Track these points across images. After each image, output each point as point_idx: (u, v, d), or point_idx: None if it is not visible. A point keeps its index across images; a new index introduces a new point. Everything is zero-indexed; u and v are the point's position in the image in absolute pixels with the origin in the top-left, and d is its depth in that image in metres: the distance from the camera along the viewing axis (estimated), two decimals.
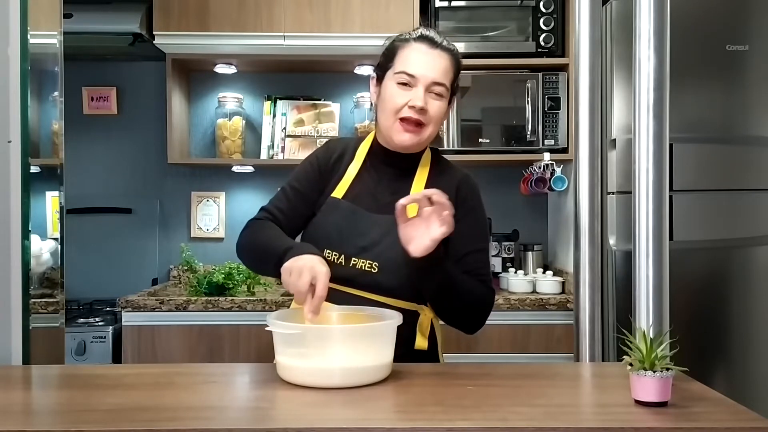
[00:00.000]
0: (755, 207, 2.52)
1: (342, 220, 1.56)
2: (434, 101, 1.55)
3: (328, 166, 1.65)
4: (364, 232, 1.55)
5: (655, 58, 1.54)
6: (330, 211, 1.59)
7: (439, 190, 1.57)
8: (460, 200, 1.60)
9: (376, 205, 1.58)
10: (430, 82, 1.53)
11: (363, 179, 1.62)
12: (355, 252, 1.53)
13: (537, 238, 3.33)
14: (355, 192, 1.60)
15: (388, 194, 1.59)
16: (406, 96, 1.54)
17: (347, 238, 1.54)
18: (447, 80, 1.56)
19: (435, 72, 1.54)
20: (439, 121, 1.58)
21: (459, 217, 1.58)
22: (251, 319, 2.70)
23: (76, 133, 3.14)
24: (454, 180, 1.63)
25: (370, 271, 1.52)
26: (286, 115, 3.27)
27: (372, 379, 1.25)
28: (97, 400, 1.18)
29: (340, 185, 1.61)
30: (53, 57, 1.73)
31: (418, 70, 1.53)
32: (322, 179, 1.64)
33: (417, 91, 1.53)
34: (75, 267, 2.60)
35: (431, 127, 1.56)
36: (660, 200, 1.54)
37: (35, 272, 1.63)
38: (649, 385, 1.10)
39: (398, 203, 1.40)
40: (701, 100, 2.52)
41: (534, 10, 2.99)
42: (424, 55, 1.55)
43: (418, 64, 1.54)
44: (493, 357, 2.70)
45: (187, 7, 2.96)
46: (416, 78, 1.53)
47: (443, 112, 1.58)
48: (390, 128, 1.56)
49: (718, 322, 2.49)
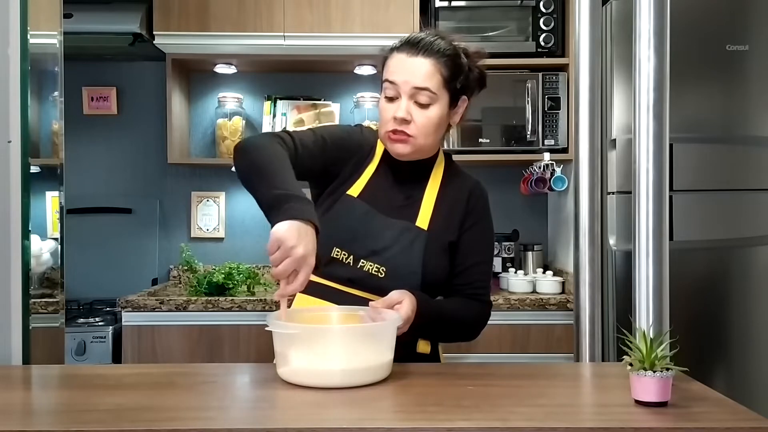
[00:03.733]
0: (755, 207, 2.52)
1: (355, 220, 1.55)
2: (420, 110, 1.51)
3: (351, 152, 1.60)
4: (376, 234, 1.53)
5: (655, 58, 1.54)
6: (344, 208, 1.56)
7: (451, 197, 1.60)
8: (470, 209, 1.60)
9: (389, 208, 1.57)
10: (411, 88, 1.50)
11: (380, 180, 1.60)
12: (365, 254, 1.52)
13: (537, 238, 3.33)
14: (371, 192, 1.58)
15: (402, 198, 1.59)
16: (392, 108, 1.52)
17: (359, 239, 1.53)
18: (432, 84, 1.50)
19: (414, 77, 1.50)
20: (431, 128, 1.53)
21: (466, 228, 1.59)
22: (251, 319, 2.70)
23: (76, 133, 3.14)
24: (466, 187, 1.62)
25: (377, 275, 1.51)
26: (286, 115, 3.27)
27: (372, 379, 1.25)
28: (97, 400, 1.18)
29: (357, 183, 1.59)
30: (53, 57, 1.73)
31: (398, 77, 1.51)
32: (341, 159, 1.59)
33: (400, 101, 1.51)
34: (75, 267, 2.59)
35: (422, 137, 1.52)
36: (660, 200, 1.54)
37: (35, 272, 1.63)
38: (649, 385, 1.10)
39: (372, 304, 1.40)
40: (701, 100, 2.52)
41: (534, 10, 2.99)
42: (403, 62, 1.51)
43: (398, 72, 1.51)
44: (493, 357, 2.70)
45: (187, 7, 2.96)
46: (397, 85, 1.51)
47: (435, 119, 1.52)
48: (384, 140, 1.56)
49: (718, 322, 2.49)
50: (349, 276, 1.51)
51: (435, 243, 1.54)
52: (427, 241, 1.53)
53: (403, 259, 1.51)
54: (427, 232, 1.54)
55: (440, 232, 1.55)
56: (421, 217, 1.55)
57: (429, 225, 1.55)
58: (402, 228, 1.53)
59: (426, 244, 1.53)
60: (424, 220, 1.55)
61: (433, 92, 1.51)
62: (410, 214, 1.56)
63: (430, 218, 1.55)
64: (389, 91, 1.52)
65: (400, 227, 1.54)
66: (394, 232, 1.53)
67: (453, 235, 1.57)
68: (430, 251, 1.53)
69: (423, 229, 1.54)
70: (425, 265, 1.52)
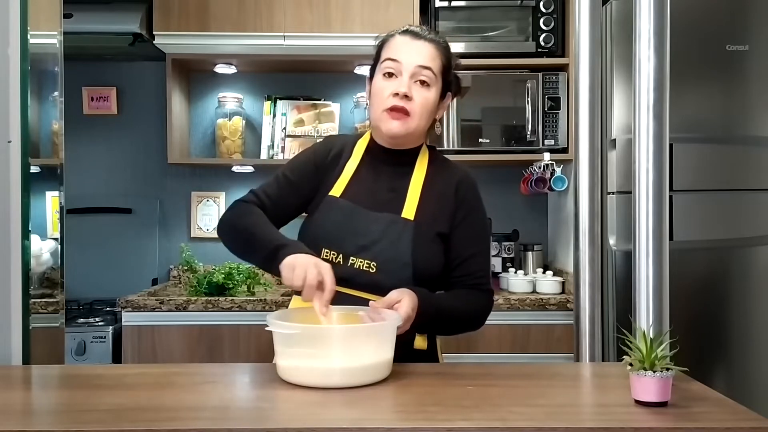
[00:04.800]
0: (755, 207, 2.51)
1: (340, 218, 1.55)
2: (420, 90, 1.54)
3: (325, 162, 1.64)
4: (362, 230, 1.54)
5: (655, 58, 1.54)
6: (328, 209, 1.58)
7: (438, 188, 1.59)
8: (460, 200, 1.60)
9: (374, 202, 1.57)
10: (414, 66, 1.53)
11: (361, 177, 1.61)
12: (354, 251, 1.52)
13: (537, 238, 3.33)
14: (354, 190, 1.59)
15: (386, 191, 1.59)
16: (392, 85, 1.54)
17: (346, 236, 1.53)
18: (434, 65, 1.55)
19: (419, 57, 1.54)
20: (427, 110, 1.56)
21: (459, 220, 1.59)
22: (251, 319, 2.70)
23: (76, 133, 3.14)
24: (453, 178, 1.62)
25: (368, 270, 1.52)
26: (286, 115, 3.27)
27: (372, 379, 1.25)
28: (97, 400, 1.18)
29: (338, 183, 1.60)
30: (53, 57, 1.73)
31: (402, 56, 1.54)
32: (317, 175, 1.63)
33: (401, 78, 1.53)
34: (75, 267, 2.59)
35: (418, 117, 1.55)
36: (660, 200, 1.54)
37: (35, 272, 1.63)
38: (649, 385, 1.10)
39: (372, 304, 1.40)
40: (701, 100, 2.52)
41: (534, 10, 2.99)
42: (408, 43, 1.56)
43: (402, 50, 1.55)
44: (493, 357, 2.70)
45: (187, 7, 2.96)
46: (400, 63, 1.54)
47: (431, 102, 1.56)
48: (379, 119, 1.56)
49: (718, 322, 2.49)
50: (340, 275, 1.49)
51: (423, 233, 1.54)
52: (414, 231, 1.53)
53: (393, 251, 1.51)
54: (414, 222, 1.54)
55: (428, 222, 1.55)
56: (407, 209, 1.55)
57: (416, 216, 1.55)
58: (388, 221, 1.53)
59: (414, 234, 1.53)
60: (410, 211, 1.55)
61: (435, 73, 1.55)
62: (396, 207, 1.56)
63: (416, 209, 1.55)
64: (389, 69, 1.55)
65: (387, 220, 1.54)
66: (380, 225, 1.54)
67: (443, 226, 1.57)
68: (419, 242, 1.53)
69: (410, 220, 1.54)
70: (415, 256, 1.51)
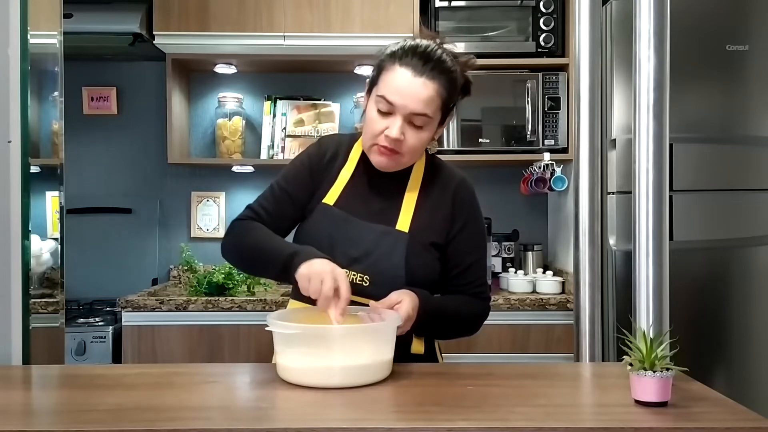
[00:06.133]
0: (755, 207, 2.51)
1: (333, 228, 1.52)
2: (413, 131, 1.47)
3: (320, 166, 1.60)
4: (355, 241, 1.51)
5: (655, 58, 1.54)
6: (321, 218, 1.54)
7: (434, 196, 1.57)
8: (457, 207, 1.57)
9: (367, 212, 1.54)
10: (409, 113, 1.45)
11: (355, 185, 1.57)
12: (347, 263, 1.48)
13: (537, 238, 3.33)
14: (347, 198, 1.55)
15: (381, 201, 1.56)
16: (384, 124, 1.47)
17: (338, 247, 1.50)
18: (430, 110, 1.46)
19: (415, 103, 1.44)
20: (419, 148, 1.51)
21: (458, 229, 1.56)
22: (251, 319, 2.70)
23: (76, 133, 3.14)
24: (450, 184, 1.59)
25: (362, 284, 1.48)
26: (286, 115, 3.27)
27: (372, 379, 1.25)
28: (97, 400, 1.18)
29: (332, 190, 1.56)
30: (53, 57, 1.73)
31: (398, 100, 1.44)
32: (313, 180, 1.59)
33: (395, 120, 1.46)
34: (75, 267, 2.60)
35: (410, 155, 1.50)
36: (660, 200, 1.54)
37: (35, 272, 1.63)
38: (649, 385, 1.10)
39: (373, 304, 1.41)
40: (701, 100, 2.52)
41: (534, 10, 2.99)
42: (407, 83, 1.44)
43: (399, 93, 1.45)
44: (493, 357, 2.70)
45: (187, 7, 2.96)
46: (395, 106, 1.45)
47: (425, 139, 1.50)
48: (369, 150, 1.53)
49: (718, 322, 2.49)
50: None
51: (417, 244, 1.51)
52: (408, 243, 1.50)
53: (386, 264, 1.49)
54: (408, 234, 1.51)
55: (422, 232, 1.52)
56: (402, 220, 1.52)
57: (410, 227, 1.52)
58: (381, 232, 1.50)
59: (408, 247, 1.50)
60: (405, 222, 1.52)
61: (430, 117, 1.47)
62: (390, 217, 1.53)
63: (411, 219, 1.52)
64: (383, 107, 1.47)
65: (379, 232, 1.51)
66: (373, 237, 1.51)
67: (439, 236, 1.54)
68: (413, 254, 1.50)
69: (404, 232, 1.51)
70: (408, 268, 1.49)
